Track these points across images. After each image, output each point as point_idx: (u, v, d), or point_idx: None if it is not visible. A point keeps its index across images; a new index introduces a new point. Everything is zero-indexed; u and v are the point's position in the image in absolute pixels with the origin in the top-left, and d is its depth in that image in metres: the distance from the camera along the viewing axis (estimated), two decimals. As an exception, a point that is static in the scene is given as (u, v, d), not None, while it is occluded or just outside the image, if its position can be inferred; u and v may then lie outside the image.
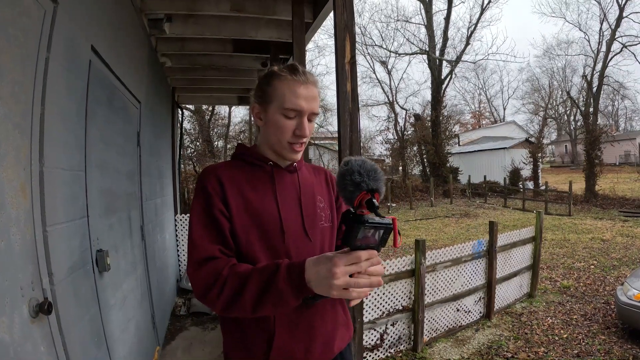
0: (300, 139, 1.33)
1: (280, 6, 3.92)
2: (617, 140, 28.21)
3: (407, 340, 4.71)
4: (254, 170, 1.38)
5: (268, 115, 1.34)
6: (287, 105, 1.29)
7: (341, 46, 2.58)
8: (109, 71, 2.65)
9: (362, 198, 1.06)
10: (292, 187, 1.41)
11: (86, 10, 2.16)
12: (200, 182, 1.32)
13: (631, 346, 4.66)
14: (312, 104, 1.32)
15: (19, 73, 1.47)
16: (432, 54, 26.87)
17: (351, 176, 1.07)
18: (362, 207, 1.06)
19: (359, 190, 1.06)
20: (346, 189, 1.08)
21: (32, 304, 1.42)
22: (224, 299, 1.16)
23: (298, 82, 1.30)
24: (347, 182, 1.07)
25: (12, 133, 1.40)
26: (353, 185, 1.07)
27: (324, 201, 1.47)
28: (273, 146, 1.37)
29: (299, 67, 1.34)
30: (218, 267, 1.19)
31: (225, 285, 1.15)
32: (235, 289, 1.14)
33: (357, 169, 1.08)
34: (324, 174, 1.59)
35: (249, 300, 1.13)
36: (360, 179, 1.07)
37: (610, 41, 24.10)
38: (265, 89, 1.35)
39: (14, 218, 1.37)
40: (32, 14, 1.58)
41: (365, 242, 1.05)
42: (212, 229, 1.26)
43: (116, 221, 2.74)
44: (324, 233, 1.43)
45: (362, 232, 1.03)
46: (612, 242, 10.28)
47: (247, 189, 1.32)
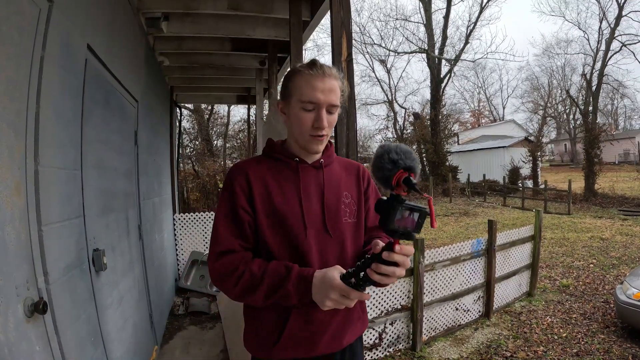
0: (319, 130, 1.37)
1: (277, 4, 3.91)
2: (616, 139, 28.21)
3: (405, 340, 4.71)
4: (281, 166, 1.45)
5: (290, 109, 1.42)
6: (304, 98, 1.35)
7: (337, 44, 2.58)
8: (105, 70, 2.63)
9: (400, 176, 1.11)
10: (316, 182, 1.45)
11: (82, 9, 2.15)
12: (229, 179, 1.41)
13: (630, 345, 4.65)
14: (330, 96, 1.36)
15: (14, 71, 1.46)
16: (432, 53, 26.85)
17: (389, 155, 1.13)
18: (399, 187, 1.10)
19: (396, 168, 1.11)
20: (384, 167, 1.13)
21: (27, 303, 1.42)
22: (238, 290, 1.31)
23: (315, 75, 1.36)
24: (385, 161, 1.13)
25: (7, 132, 1.40)
26: (391, 163, 1.12)
27: (350, 197, 1.51)
28: (297, 139, 1.43)
29: (318, 62, 1.39)
30: (235, 260, 1.32)
31: (241, 279, 1.29)
32: (250, 284, 1.29)
33: (394, 149, 1.14)
34: (357, 169, 1.61)
35: (261, 296, 1.29)
36: (397, 157, 1.13)
37: (609, 40, 24.11)
38: (287, 84, 1.43)
39: (8, 217, 1.37)
40: (26, 12, 1.57)
41: (402, 225, 1.08)
42: (235, 225, 1.37)
43: (113, 220, 2.73)
44: (346, 229, 1.46)
45: (400, 213, 1.06)
46: (611, 241, 10.27)
47: (273, 185, 1.40)
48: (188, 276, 6.10)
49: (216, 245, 1.36)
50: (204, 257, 6.16)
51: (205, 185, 16.94)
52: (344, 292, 1.18)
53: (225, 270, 1.32)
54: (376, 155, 1.17)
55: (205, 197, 16.63)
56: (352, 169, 1.59)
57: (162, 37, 4.47)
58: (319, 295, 1.23)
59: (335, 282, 1.19)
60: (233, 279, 1.30)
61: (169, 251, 5.70)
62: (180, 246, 6.57)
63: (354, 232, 1.48)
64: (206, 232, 6.70)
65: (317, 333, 1.40)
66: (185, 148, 18.25)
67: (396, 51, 29.83)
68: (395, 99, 30.39)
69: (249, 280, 1.29)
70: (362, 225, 1.51)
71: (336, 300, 1.20)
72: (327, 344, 1.42)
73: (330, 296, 1.19)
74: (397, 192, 1.09)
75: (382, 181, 1.15)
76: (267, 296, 1.29)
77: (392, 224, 1.07)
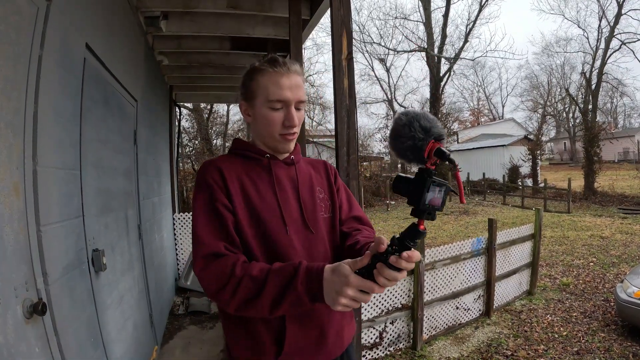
0: (290, 129, 1.33)
1: (277, 3, 3.89)
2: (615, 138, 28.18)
3: (406, 339, 4.71)
4: (252, 163, 1.38)
5: (255, 110, 1.35)
6: (272, 97, 1.29)
7: (338, 42, 2.56)
8: (104, 69, 2.62)
9: (433, 147, 0.97)
10: (289, 179, 1.40)
11: (80, 8, 2.14)
12: (202, 175, 1.31)
13: (631, 343, 4.65)
14: (297, 93, 1.31)
15: (12, 71, 1.45)
16: (431, 52, 26.83)
17: (419, 122, 0.99)
18: (430, 159, 0.97)
19: (429, 137, 0.98)
20: (415, 136, 0.98)
21: (26, 304, 1.41)
22: (238, 300, 1.13)
23: (280, 73, 1.30)
24: (415, 130, 0.98)
25: (4, 131, 1.38)
26: (423, 132, 0.98)
27: (323, 192, 1.47)
28: (265, 140, 1.38)
29: (279, 59, 1.33)
30: (227, 265, 1.15)
31: (240, 286, 1.12)
32: (252, 291, 1.11)
33: (423, 116, 1.01)
34: (323, 165, 1.58)
35: (267, 303, 1.11)
36: (429, 124, 0.99)
37: (609, 38, 24.12)
38: (249, 84, 1.36)
39: (6, 218, 1.36)
40: (24, 11, 1.56)
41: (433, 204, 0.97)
42: (216, 224, 1.24)
43: (112, 220, 2.72)
44: (324, 224, 1.42)
45: (432, 190, 0.96)
46: (611, 239, 10.27)
47: (247, 182, 1.32)
48: (188, 276, 6.09)
49: (199, 248, 1.21)
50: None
51: (205, 184, 16.92)
52: (363, 287, 1.00)
53: (216, 277, 1.15)
54: (402, 123, 1.00)
55: (204, 197, 16.60)
56: (318, 166, 1.56)
57: (161, 36, 4.45)
58: (331, 292, 1.03)
59: (352, 277, 1.00)
60: (229, 287, 1.13)
61: (168, 251, 5.70)
62: (180, 246, 6.56)
63: (331, 227, 1.45)
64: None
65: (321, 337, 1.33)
66: (184, 147, 18.24)
67: (395, 50, 29.87)
68: (394, 98, 30.44)
69: (250, 286, 1.12)
70: (337, 220, 1.47)
71: (353, 297, 1.00)
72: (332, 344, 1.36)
73: (347, 293, 1.00)
74: (428, 166, 0.97)
75: (409, 152, 1.00)
76: (275, 303, 1.10)
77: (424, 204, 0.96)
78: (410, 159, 1.01)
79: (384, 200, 20.80)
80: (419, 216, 0.99)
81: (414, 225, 0.99)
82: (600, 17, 25.40)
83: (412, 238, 0.99)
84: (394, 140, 1.03)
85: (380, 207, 20.06)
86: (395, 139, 1.02)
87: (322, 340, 1.33)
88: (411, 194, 0.98)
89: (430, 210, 0.97)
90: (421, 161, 0.98)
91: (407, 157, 1.01)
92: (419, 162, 0.99)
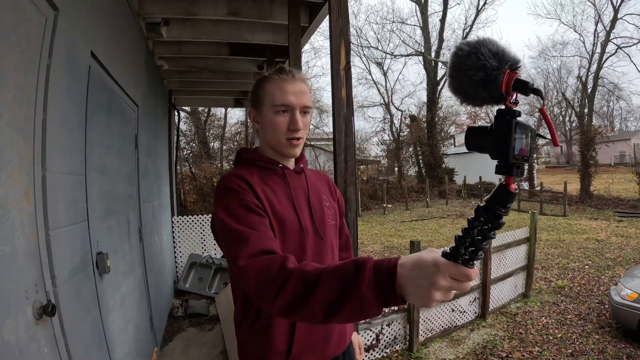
0: (295, 133, 1.36)
1: (276, 10, 3.96)
2: (612, 141, 28.40)
3: (402, 341, 4.75)
4: (267, 172, 1.41)
5: (262, 116, 1.39)
6: (276, 102, 1.34)
7: (336, 53, 2.62)
8: (107, 76, 2.67)
9: (510, 78, 0.75)
10: (301, 187, 1.45)
11: (86, 16, 2.18)
12: (225, 185, 1.28)
13: (625, 345, 4.71)
14: (302, 98, 1.36)
15: (21, 79, 1.49)
16: (428, 56, 26.97)
17: (488, 47, 0.76)
18: (510, 94, 0.76)
19: (504, 65, 0.75)
20: (486, 66, 0.75)
21: (36, 306, 1.45)
22: (284, 300, 0.97)
23: (285, 79, 1.35)
24: (485, 57, 0.75)
25: (16, 139, 1.43)
26: (496, 59, 0.75)
27: (328, 200, 1.52)
28: (272, 145, 1.41)
29: (286, 67, 1.39)
30: (276, 261, 1.03)
31: (287, 284, 0.97)
32: (301, 292, 0.95)
33: (488, 40, 0.77)
34: (327, 179, 1.64)
35: (321, 307, 0.93)
36: (500, 48, 0.76)
37: (605, 42, 24.28)
38: (257, 92, 1.41)
39: (18, 222, 1.40)
40: (33, 21, 1.60)
41: (522, 154, 0.78)
42: (257, 223, 1.18)
43: (115, 224, 2.76)
44: (332, 230, 1.47)
45: (519, 136, 0.76)
46: (606, 243, 10.36)
47: (268, 191, 1.34)
48: (187, 278, 6.12)
49: (243, 247, 1.10)
50: (202, 259, 6.19)
51: (202, 187, 16.97)
52: (459, 275, 0.81)
53: (264, 271, 1.02)
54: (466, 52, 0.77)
55: (202, 200, 16.65)
56: (322, 178, 1.62)
57: (161, 41, 4.50)
58: (418, 288, 0.83)
59: (443, 264, 0.81)
60: (276, 283, 0.98)
61: (167, 253, 5.73)
62: (179, 249, 6.60)
63: (336, 233, 1.51)
64: (204, 235, 6.72)
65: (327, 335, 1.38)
66: (182, 150, 18.26)
67: (393, 54, 29.98)
68: (391, 102, 30.49)
69: (298, 287, 0.96)
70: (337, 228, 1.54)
71: (449, 287, 0.81)
72: (335, 345, 1.41)
73: (440, 284, 0.80)
74: (508, 105, 0.76)
75: (482, 88, 0.76)
76: (330, 307, 0.92)
77: (513, 156, 0.76)
78: (483, 98, 0.79)
79: (380, 204, 20.86)
80: (509, 172, 0.78)
81: (502, 186, 0.80)
82: (597, 21, 25.58)
83: (503, 203, 0.80)
84: (458, 78, 0.80)
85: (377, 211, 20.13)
86: (460, 76, 0.79)
87: (328, 339, 1.39)
88: (495, 145, 0.78)
89: (520, 162, 0.78)
90: (498, 98, 0.78)
91: (479, 97, 0.79)
92: (494, 100, 0.78)
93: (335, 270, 0.94)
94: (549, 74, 38.32)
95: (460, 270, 0.80)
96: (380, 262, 0.91)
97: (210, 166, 19.06)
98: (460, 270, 0.80)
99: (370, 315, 0.92)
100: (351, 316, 0.93)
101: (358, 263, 0.92)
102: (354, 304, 0.89)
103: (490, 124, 0.79)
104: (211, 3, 3.84)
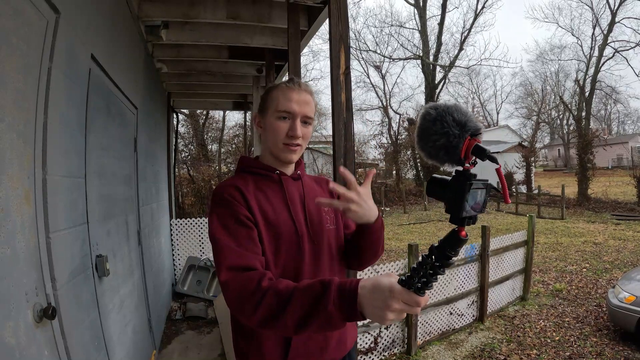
0: (293, 139, 1.40)
1: (275, 14, 3.98)
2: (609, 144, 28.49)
3: (400, 344, 4.75)
4: (263, 180, 1.45)
5: (266, 121, 1.44)
6: (280, 108, 1.39)
7: (336, 57, 2.64)
8: (107, 78, 2.68)
9: (470, 144, 0.86)
10: (297, 193, 1.47)
11: (87, 19, 2.19)
12: (219, 195, 1.34)
13: (622, 348, 4.72)
14: (304, 108, 1.41)
15: (22, 82, 1.50)
16: (426, 59, 27.06)
17: (452, 115, 0.87)
18: (467, 158, 0.87)
19: (466, 134, 0.87)
20: (449, 133, 0.87)
21: (37, 309, 1.45)
22: (261, 315, 1.10)
23: (291, 88, 1.41)
24: (449, 125, 0.87)
25: (16, 142, 1.43)
26: (458, 127, 0.87)
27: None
28: (271, 149, 1.45)
29: (295, 79, 1.45)
30: (253, 279, 1.14)
31: (263, 301, 1.09)
32: (275, 308, 1.08)
33: (454, 108, 0.89)
34: (326, 182, 1.66)
35: (292, 322, 1.06)
36: (464, 117, 0.87)
37: (602, 46, 24.44)
38: (265, 98, 1.47)
39: (18, 225, 1.41)
40: (34, 24, 1.61)
41: (475, 209, 0.89)
42: (242, 234, 1.27)
43: (114, 226, 2.77)
44: (330, 235, 1.49)
45: (473, 195, 0.86)
46: (604, 245, 10.38)
47: (262, 199, 1.38)
48: (185, 281, 6.13)
49: (223, 258, 1.21)
50: (200, 262, 6.19)
51: (200, 190, 16.98)
52: (410, 301, 0.94)
53: (242, 289, 1.14)
54: (432, 118, 0.89)
55: (200, 202, 16.66)
56: (322, 182, 1.65)
57: (160, 44, 4.52)
58: (375, 308, 0.98)
59: (397, 290, 0.94)
60: (253, 301, 1.10)
61: (166, 256, 5.73)
62: (177, 251, 6.59)
63: (336, 238, 1.52)
64: (202, 238, 6.72)
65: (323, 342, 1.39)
66: (180, 153, 18.26)
67: (391, 57, 30.06)
68: (390, 105, 30.52)
69: (273, 304, 1.08)
70: (341, 232, 1.56)
71: (401, 310, 0.95)
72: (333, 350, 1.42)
73: (393, 306, 0.94)
74: (466, 168, 0.86)
75: (443, 152, 0.89)
76: (302, 321, 1.06)
77: (464, 213, 0.86)
78: (443, 160, 0.91)
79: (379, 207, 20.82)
80: (460, 224, 0.89)
81: (454, 232, 0.90)
82: (594, 25, 25.79)
83: (453, 247, 0.90)
84: (423, 139, 0.92)
85: (376, 213, 20.08)
86: (425, 138, 0.92)
87: (326, 345, 1.40)
88: (449, 201, 0.88)
89: (471, 215, 0.89)
90: (457, 162, 0.89)
91: (440, 159, 0.92)
92: (454, 162, 0.90)
93: (305, 289, 1.08)
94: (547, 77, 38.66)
95: (412, 297, 0.94)
96: (343, 283, 1.05)
97: (208, 169, 19.06)
98: (412, 297, 0.94)
99: (335, 328, 1.07)
100: (319, 329, 1.07)
101: (325, 283, 1.07)
102: (321, 319, 1.04)
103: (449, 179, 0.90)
104: (210, 6, 3.86)
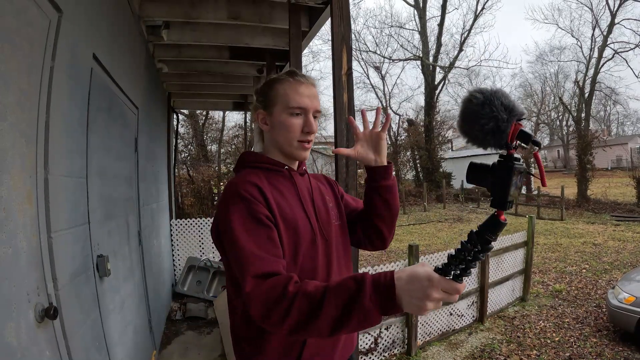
0: (308, 135, 1.37)
1: (276, 14, 3.98)
2: (609, 145, 28.48)
3: (401, 344, 4.75)
4: (274, 175, 1.39)
5: (274, 118, 1.38)
6: (292, 104, 1.33)
7: (338, 58, 2.64)
8: (108, 78, 2.68)
9: (516, 129, 0.86)
10: (306, 189, 1.44)
11: (89, 19, 2.19)
12: (234, 192, 1.25)
13: (622, 348, 4.72)
14: (315, 102, 1.38)
15: (25, 82, 1.49)
16: (426, 60, 27.06)
17: (501, 100, 0.86)
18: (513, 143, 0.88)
19: (513, 118, 0.86)
20: (497, 118, 0.86)
21: (38, 309, 1.45)
22: (292, 321, 1.04)
23: (299, 82, 1.36)
24: (497, 109, 0.86)
25: (19, 141, 1.43)
26: (506, 112, 0.86)
27: (332, 201, 1.52)
28: (282, 148, 1.40)
29: (297, 71, 1.40)
30: (279, 285, 1.08)
31: (293, 306, 1.03)
32: (308, 312, 1.03)
33: (501, 93, 0.88)
34: (324, 177, 1.65)
35: (327, 323, 1.02)
36: (510, 102, 0.87)
37: (602, 47, 24.40)
38: (268, 93, 1.39)
39: (20, 225, 1.40)
40: (37, 23, 1.60)
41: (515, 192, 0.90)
42: (264, 237, 1.19)
43: (115, 226, 2.76)
44: (336, 231, 1.47)
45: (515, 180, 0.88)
46: (603, 246, 10.39)
47: (278, 196, 1.32)
48: (185, 282, 6.12)
49: (248, 266, 1.13)
50: (200, 262, 6.18)
51: (200, 190, 16.97)
52: (450, 289, 0.93)
53: (268, 297, 1.07)
54: (480, 102, 0.88)
55: (199, 203, 16.66)
56: (323, 179, 1.63)
57: (161, 44, 4.52)
58: (413, 299, 0.95)
59: (436, 278, 0.93)
60: (281, 308, 1.04)
61: (166, 256, 5.72)
62: (177, 252, 6.59)
63: (342, 234, 1.50)
64: (202, 238, 6.71)
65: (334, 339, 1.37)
66: (180, 153, 18.25)
67: (391, 58, 30.04)
68: (389, 106, 30.51)
69: (305, 306, 1.03)
70: (345, 227, 1.53)
71: (440, 299, 0.94)
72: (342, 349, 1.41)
73: (433, 296, 0.93)
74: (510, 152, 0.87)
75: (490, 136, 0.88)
76: (337, 322, 1.01)
77: (511, 195, 0.87)
78: (490, 144, 0.90)
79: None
80: (503, 208, 0.89)
81: (494, 217, 0.90)
82: (594, 26, 25.73)
83: (494, 231, 0.90)
84: (470, 123, 0.91)
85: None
86: (471, 122, 0.90)
87: (337, 343, 1.38)
88: (494, 185, 0.89)
89: (512, 199, 0.89)
90: (501, 146, 0.89)
91: (486, 142, 0.90)
92: (499, 147, 0.90)
93: (337, 288, 1.03)
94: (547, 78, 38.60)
95: (451, 285, 0.93)
96: (377, 277, 1.02)
97: (207, 169, 19.05)
98: (451, 285, 0.93)
99: (373, 324, 1.02)
100: (356, 327, 1.02)
101: (358, 279, 1.02)
102: (359, 317, 1.00)
103: (491, 164, 0.91)
104: (211, 7, 3.86)
